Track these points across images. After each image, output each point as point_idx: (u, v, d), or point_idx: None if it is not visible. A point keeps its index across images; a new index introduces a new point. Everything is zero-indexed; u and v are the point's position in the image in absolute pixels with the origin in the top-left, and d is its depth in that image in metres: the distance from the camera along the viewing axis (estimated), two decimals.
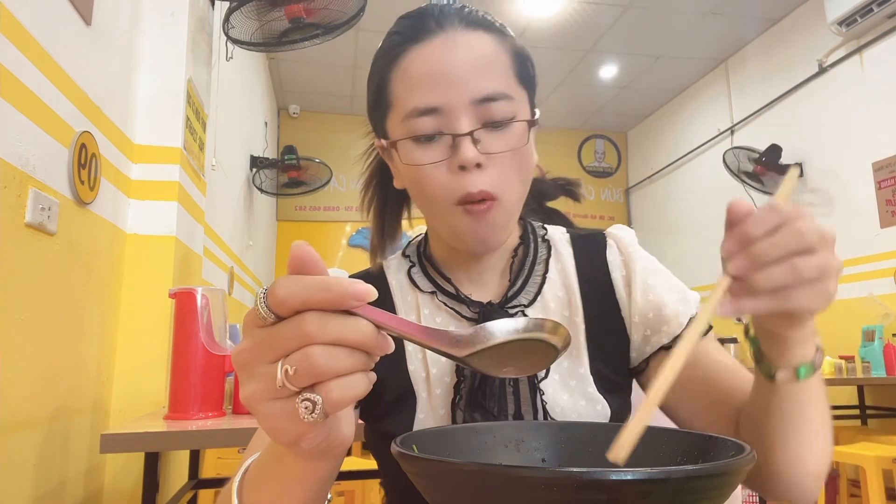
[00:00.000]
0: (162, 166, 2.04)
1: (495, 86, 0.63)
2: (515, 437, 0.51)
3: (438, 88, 0.62)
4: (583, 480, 0.31)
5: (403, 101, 0.64)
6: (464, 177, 0.62)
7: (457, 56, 0.62)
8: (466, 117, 0.62)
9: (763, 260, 0.43)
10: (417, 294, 0.73)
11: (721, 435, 0.44)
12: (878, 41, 3.91)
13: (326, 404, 0.35)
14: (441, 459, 0.36)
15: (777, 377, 0.53)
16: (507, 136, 0.64)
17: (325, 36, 2.43)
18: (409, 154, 0.64)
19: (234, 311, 3.54)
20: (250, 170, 4.20)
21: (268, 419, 0.37)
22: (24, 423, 1.36)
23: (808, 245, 0.44)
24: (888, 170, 3.82)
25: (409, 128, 0.63)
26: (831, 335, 4.12)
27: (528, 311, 0.70)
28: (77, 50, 1.57)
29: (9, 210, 1.26)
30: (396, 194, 0.78)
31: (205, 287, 1.50)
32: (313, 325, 0.35)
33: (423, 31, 0.64)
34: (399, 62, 0.65)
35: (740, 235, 0.44)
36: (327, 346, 0.35)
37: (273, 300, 0.35)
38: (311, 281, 0.36)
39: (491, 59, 0.64)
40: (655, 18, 4.62)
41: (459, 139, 0.61)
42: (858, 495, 3.31)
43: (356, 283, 0.36)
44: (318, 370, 0.35)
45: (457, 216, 0.64)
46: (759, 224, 0.44)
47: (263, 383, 0.36)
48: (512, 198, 0.65)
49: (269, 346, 0.36)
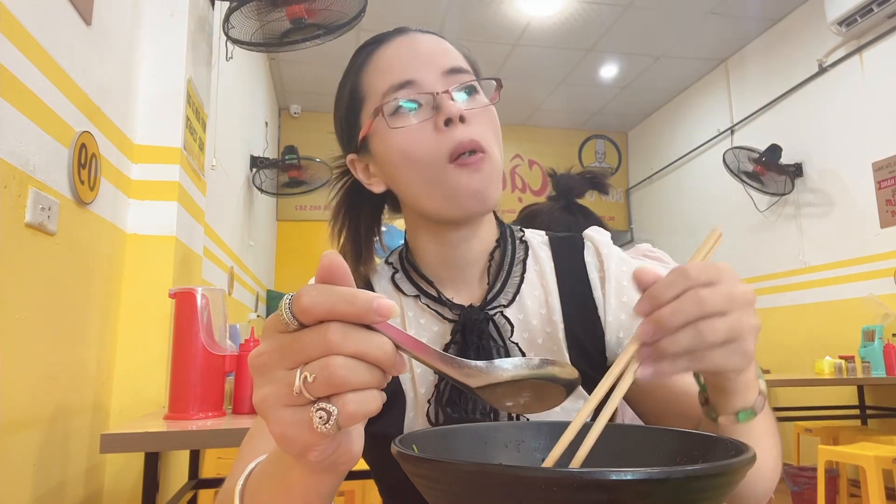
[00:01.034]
0: (162, 166, 2.04)
1: (459, 62, 0.70)
2: (515, 437, 0.51)
3: (410, 66, 0.68)
4: (583, 480, 0.31)
5: (377, 86, 0.69)
6: (451, 131, 0.65)
7: (420, 43, 0.70)
8: (440, 84, 0.67)
9: (667, 325, 0.44)
10: (401, 298, 0.75)
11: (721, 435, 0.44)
12: (878, 41, 3.91)
13: (341, 416, 0.35)
14: (441, 459, 0.36)
15: (719, 421, 0.55)
16: (478, 100, 0.70)
17: (326, 36, 2.43)
18: (394, 122, 0.67)
19: (234, 311, 3.54)
20: (250, 170, 4.20)
21: (279, 425, 0.37)
22: (24, 423, 1.36)
23: (712, 310, 0.44)
24: (888, 170, 3.82)
25: (390, 100, 0.67)
26: (831, 335, 4.12)
27: (507, 311, 0.72)
28: (77, 50, 1.57)
29: (9, 210, 1.26)
30: (368, 218, 0.80)
31: (205, 287, 1.50)
32: (336, 336, 0.35)
33: (385, 37, 0.72)
34: (369, 62, 0.71)
35: (649, 299, 0.45)
36: (348, 357, 0.35)
37: (298, 307, 0.35)
38: (337, 291, 0.36)
39: (448, 48, 0.72)
40: (655, 18, 4.62)
41: (440, 98, 0.66)
42: (858, 495, 3.31)
43: (381, 299, 0.36)
44: (338, 381, 0.35)
45: (451, 174, 0.66)
46: (665, 289, 0.45)
47: (280, 388, 0.36)
48: (496, 154, 0.69)
49: (289, 352, 0.36)
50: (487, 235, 0.76)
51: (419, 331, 0.73)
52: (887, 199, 3.82)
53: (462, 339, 0.70)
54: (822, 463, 3.02)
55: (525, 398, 0.42)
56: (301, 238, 5.90)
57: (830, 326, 4.14)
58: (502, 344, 0.70)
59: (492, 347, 0.70)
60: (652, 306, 0.45)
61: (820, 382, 3.42)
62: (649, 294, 0.45)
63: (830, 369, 3.52)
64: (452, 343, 0.71)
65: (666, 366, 0.45)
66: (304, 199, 5.44)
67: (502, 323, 0.71)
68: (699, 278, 0.45)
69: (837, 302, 4.10)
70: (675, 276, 0.45)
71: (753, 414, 0.54)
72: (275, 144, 5.63)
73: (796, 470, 3.63)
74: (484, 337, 0.70)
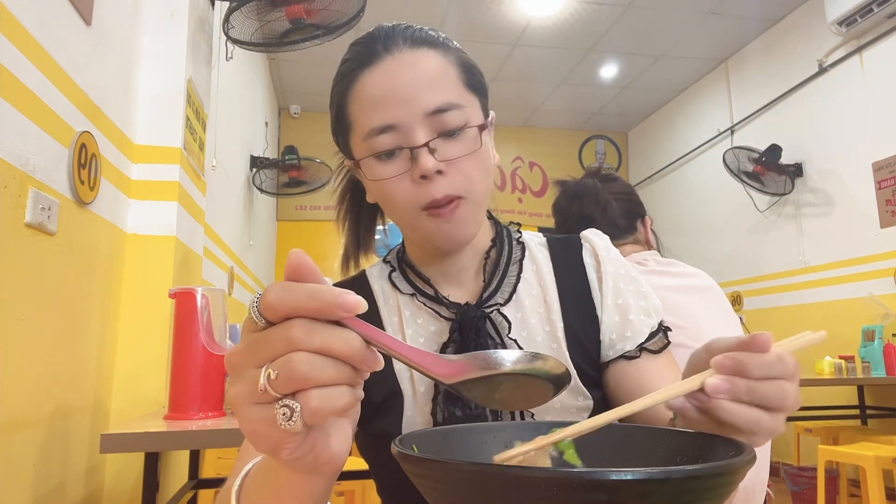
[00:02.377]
0: (162, 166, 2.04)
1: (445, 97, 0.66)
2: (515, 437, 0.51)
3: (392, 107, 0.65)
4: (583, 480, 0.31)
5: (361, 122, 0.68)
6: (427, 185, 0.65)
7: (405, 75, 0.66)
8: (422, 130, 0.65)
9: (737, 396, 0.44)
10: (398, 296, 0.76)
11: (721, 435, 0.44)
12: (878, 41, 3.91)
13: (305, 412, 0.35)
14: (441, 459, 0.36)
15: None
16: (462, 142, 0.67)
17: (325, 36, 2.43)
18: (373, 170, 0.67)
19: (234, 311, 3.54)
20: (250, 170, 4.20)
21: (247, 423, 0.37)
22: (24, 423, 1.36)
23: (785, 408, 0.45)
24: (888, 170, 3.82)
25: (370, 146, 0.67)
26: (831, 335, 4.12)
27: (504, 309, 0.73)
28: (77, 50, 1.57)
29: (9, 210, 1.26)
30: (370, 207, 0.82)
31: (205, 287, 1.50)
32: (299, 332, 0.35)
33: (372, 56, 0.68)
34: (354, 87, 0.69)
35: (738, 361, 0.45)
36: (312, 353, 0.35)
37: (264, 305, 0.36)
38: (301, 288, 0.36)
39: (438, 74, 0.67)
40: (655, 18, 4.63)
41: (417, 151, 0.65)
42: (858, 495, 3.31)
43: (346, 294, 0.36)
44: (299, 376, 0.34)
45: (424, 221, 0.67)
46: (760, 367, 0.45)
47: (248, 386, 0.36)
48: (477, 193, 0.68)
49: (256, 350, 0.36)
50: (481, 239, 0.77)
51: (416, 329, 0.74)
52: (887, 199, 3.82)
53: (460, 336, 0.70)
54: (822, 463, 3.02)
55: (506, 394, 0.41)
56: (301, 238, 5.90)
57: (830, 326, 4.14)
58: (500, 341, 0.71)
59: (489, 345, 0.70)
60: (734, 370, 0.45)
61: (820, 382, 3.42)
62: (740, 359, 0.45)
63: (830, 369, 3.52)
64: (451, 342, 0.71)
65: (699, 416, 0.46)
66: (304, 199, 5.44)
67: (499, 320, 0.72)
68: (791, 372, 0.45)
69: (837, 302, 4.10)
70: (775, 361, 0.45)
71: None
72: (275, 144, 5.63)
73: (796, 470, 3.63)
74: (481, 335, 0.70)
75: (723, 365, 0.45)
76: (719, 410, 0.44)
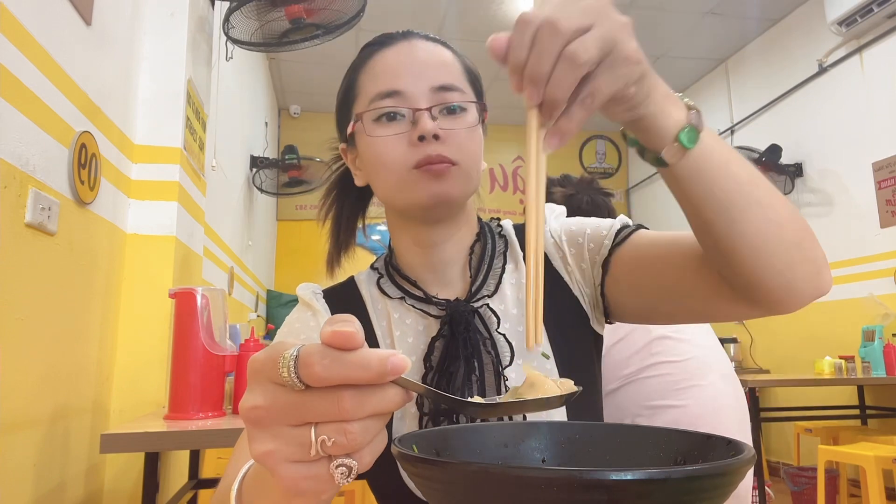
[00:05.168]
0: (162, 166, 2.04)
1: (451, 79, 0.70)
2: (515, 437, 0.51)
3: (400, 76, 0.69)
4: (583, 480, 0.31)
5: (368, 89, 0.71)
6: (423, 146, 0.67)
7: (418, 54, 0.71)
8: (425, 100, 0.68)
9: (539, 73, 0.42)
10: (387, 301, 0.77)
11: (720, 434, 0.44)
12: (878, 41, 3.91)
13: (360, 467, 0.36)
14: (441, 460, 0.36)
15: (665, 158, 0.51)
16: (461, 120, 0.70)
17: (325, 36, 2.43)
18: (372, 130, 0.69)
19: (234, 311, 3.54)
20: (250, 170, 4.20)
21: (292, 480, 0.36)
22: (24, 423, 1.36)
23: (571, 29, 0.41)
24: (888, 170, 3.82)
25: (374, 107, 0.69)
26: (831, 335, 4.12)
27: (490, 301, 0.74)
28: (77, 50, 1.57)
29: (9, 210, 1.26)
30: (352, 206, 0.84)
31: (205, 287, 1.50)
32: (351, 404, 0.34)
33: (389, 39, 0.73)
34: (367, 62, 0.73)
35: (512, 66, 0.43)
36: (364, 420, 0.35)
37: (309, 376, 0.34)
38: (349, 360, 0.34)
39: (447, 61, 0.72)
40: (655, 18, 4.63)
41: (419, 113, 0.67)
42: (858, 495, 3.31)
43: (394, 358, 0.34)
44: (358, 446, 0.35)
45: (413, 178, 0.68)
46: (520, 46, 0.43)
47: (289, 447, 0.35)
48: (468, 163, 0.69)
49: (296, 413, 0.35)
50: (466, 235, 0.78)
51: (405, 330, 0.74)
52: (887, 199, 3.82)
53: (450, 330, 0.71)
54: (822, 463, 3.02)
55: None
56: (301, 238, 5.90)
57: (830, 326, 4.14)
58: (489, 336, 0.71)
59: (478, 340, 0.71)
60: (518, 72, 0.43)
61: (820, 382, 3.42)
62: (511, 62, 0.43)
63: (830, 369, 3.52)
64: (440, 335, 0.71)
65: (563, 122, 0.44)
66: (304, 199, 5.44)
67: (488, 315, 0.72)
68: (539, 16, 0.43)
69: (837, 302, 4.10)
70: (519, 29, 0.43)
71: (696, 131, 0.51)
72: (275, 144, 5.63)
73: (796, 470, 3.63)
74: (471, 329, 0.70)
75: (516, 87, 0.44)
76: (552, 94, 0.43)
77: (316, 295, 0.80)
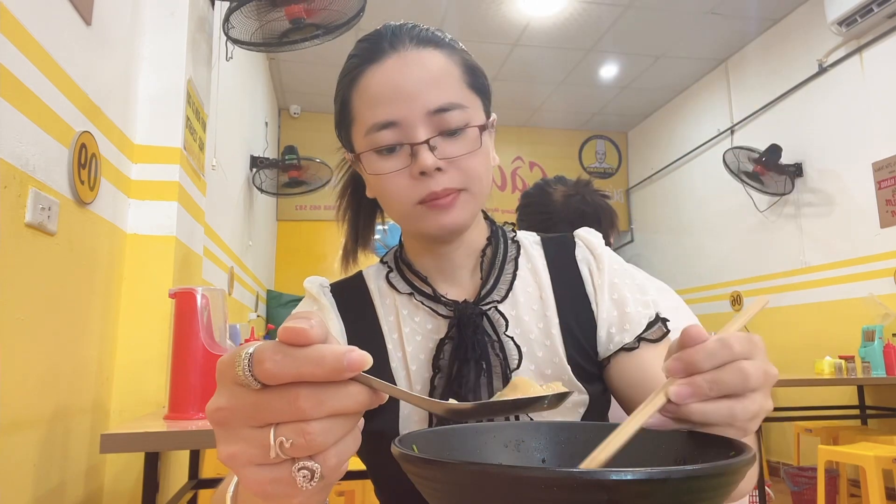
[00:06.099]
0: (162, 166, 2.04)
1: (447, 97, 0.67)
2: (515, 437, 0.51)
3: (395, 103, 0.66)
4: (583, 480, 0.31)
5: (364, 117, 0.69)
6: (425, 181, 0.66)
7: (410, 73, 0.67)
8: (423, 127, 0.66)
9: (702, 395, 0.43)
10: (395, 296, 0.77)
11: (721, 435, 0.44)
12: (878, 41, 3.91)
13: (324, 470, 0.34)
14: (441, 459, 0.36)
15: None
16: (462, 142, 0.68)
17: (325, 36, 2.43)
18: (373, 165, 0.68)
19: (234, 311, 3.54)
20: (250, 170, 4.20)
21: (256, 484, 0.35)
22: (24, 423, 1.36)
23: (750, 387, 0.43)
24: (888, 170, 3.82)
25: (371, 141, 0.68)
26: (831, 335, 4.12)
27: (501, 306, 0.73)
28: (77, 50, 1.57)
29: (9, 210, 1.26)
30: (369, 203, 0.83)
31: (205, 287, 1.50)
32: (307, 403, 0.33)
33: (378, 53, 0.69)
34: (358, 82, 0.70)
35: (687, 361, 0.44)
36: (324, 419, 0.34)
37: (261, 373, 0.33)
38: (302, 355, 0.33)
39: (442, 73, 0.68)
40: (655, 18, 4.62)
41: (417, 147, 0.66)
42: (858, 495, 3.31)
43: (350, 354, 0.34)
44: (318, 446, 0.34)
45: (419, 213, 0.68)
46: (708, 357, 0.43)
47: (250, 448, 0.34)
48: (476, 187, 0.69)
49: (256, 413, 0.34)
50: (477, 238, 0.77)
51: (413, 328, 0.74)
52: (887, 199, 3.82)
53: (458, 333, 0.71)
54: (822, 463, 3.02)
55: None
56: (301, 238, 5.90)
57: (830, 326, 4.14)
58: (497, 339, 0.71)
59: (486, 342, 0.70)
60: (687, 371, 0.43)
61: (820, 382, 3.42)
62: (687, 358, 0.43)
63: (830, 369, 3.52)
64: (448, 338, 0.71)
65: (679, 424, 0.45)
66: (304, 199, 5.44)
67: (496, 318, 0.72)
68: (741, 352, 0.44)
69: (837, 302, 4.10)
70: (717, 347, 0.43)
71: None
72: (275, 144, 5.63)
73: (796, 470, 3.63)
74: (479, 332, 0.70)
75: (674, 369, 0.44)
76: (692, 416, 0.43)
77: (323, 289, 0.80)
